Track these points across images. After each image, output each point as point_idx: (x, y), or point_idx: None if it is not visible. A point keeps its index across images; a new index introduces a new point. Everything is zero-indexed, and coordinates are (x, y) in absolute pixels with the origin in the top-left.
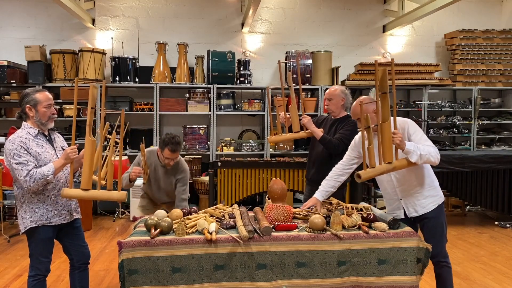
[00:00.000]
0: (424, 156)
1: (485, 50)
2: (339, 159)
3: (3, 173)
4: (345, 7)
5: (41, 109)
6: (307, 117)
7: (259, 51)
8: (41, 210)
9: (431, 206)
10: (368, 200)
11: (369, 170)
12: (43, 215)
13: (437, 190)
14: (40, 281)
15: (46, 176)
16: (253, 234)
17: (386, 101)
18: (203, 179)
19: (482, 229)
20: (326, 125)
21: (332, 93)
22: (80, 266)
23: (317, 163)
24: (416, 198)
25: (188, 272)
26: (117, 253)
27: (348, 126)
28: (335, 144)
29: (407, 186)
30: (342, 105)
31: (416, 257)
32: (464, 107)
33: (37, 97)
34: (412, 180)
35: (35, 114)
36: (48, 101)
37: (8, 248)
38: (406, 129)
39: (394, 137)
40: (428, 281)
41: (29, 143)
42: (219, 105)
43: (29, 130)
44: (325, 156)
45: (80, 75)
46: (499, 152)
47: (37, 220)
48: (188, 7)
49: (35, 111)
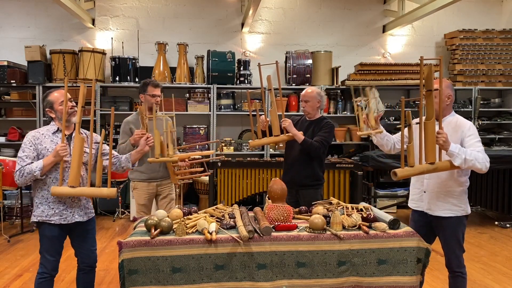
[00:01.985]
0: (470, 161)
1: (485, 50)
2: (316, 161)
3: (3, 173)
4: (345, 7)
5: (58, 107)
6: (287, 120)
7: (259, 51)
8: (43, 206)
9: (447, 213)
10: (368, 200)
11: (407, 169)
12: (44, 212)
13: (462, 202)
14: (46, 280)
15: (34, 172)
16: (253, 234)
17: (431, 99)
18: (203, 179)
19: (482, 229)
20: (302, 127)
21: (309, 95)
22: (85, 268)
23: (295, 165)
24: (438, 198)
25: (188, 272)
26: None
27: (326, 128)
28: (316, 147)
29: (436, 181)
30: (318, 107)
31: (416, 257)
32: (464, 107)
33: (51, 98)
34: (443, 178)
35: (56, 115)
36: (62, 98)
37: (8, 248)
38: (464, 130)
39: (438, 137)
40: (429, 281)
41: (43, 138)
42: (219, 105)
43: (49, 127)
44: (303, 158)
45: (80, 75)
46: (499, 152)
47: (38, 215)
48: (188, 7)
49: (54, 112)
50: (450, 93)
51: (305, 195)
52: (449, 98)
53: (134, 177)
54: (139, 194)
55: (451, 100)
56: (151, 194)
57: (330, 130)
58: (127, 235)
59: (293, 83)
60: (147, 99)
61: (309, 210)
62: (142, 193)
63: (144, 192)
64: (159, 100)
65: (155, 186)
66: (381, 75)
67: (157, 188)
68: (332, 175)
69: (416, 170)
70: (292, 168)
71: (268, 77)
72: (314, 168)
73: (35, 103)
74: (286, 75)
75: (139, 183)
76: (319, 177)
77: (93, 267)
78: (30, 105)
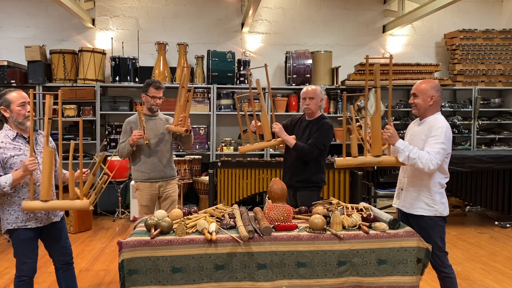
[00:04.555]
0: (413, 159)
1: (485, 50)
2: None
3: None
4: (345, 7)
5: (15, 108)
6: (278, 125)
7: (259, 51)
8: (16, 212)
9: (419, 211)
10: (368, 200)
11: (347, 159)
12: (18, 218)
13: (435, 203)
14: (25, 283)
15: (2, 188)
16: (253, 234)
17: (378, 95)
18: (203, 179)
19: (482, 229)
20: (300, 127)
21: (314, 92)
22: (63, 266)
23: (292, 167)
24: (411, 196)
25: (188, 272)
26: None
27: (322, 130)
28: (308, 151)
29: (411, 180)
30: (320, 106)
31: (416, 257)
32: (464, 107)
33: (9, 97)
34: (419, 177)
35: (10, 115)
36: (21, 100)
37: (8, 248)
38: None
39: (384, 131)
40: (429, 281)
41: (4, 147)
42: (219, 105)
43: (7, 133)
44: (298, 160)
45: (80, 75)
46: (499, 152)
47: (13, 222)
48: (188, 7)
49: (9, 112)
50: (433, 94)
51: (301, 197)
52: (432, 99)
53: (136, 177)
54: (142, 195)
55: (434, 101)
56: (153, 196)
57: (326, 132)
58: (127, 235)
59: (293, 83)
60: (147, 100)
61: (309, 210)
62: (145, 194)
63: (147, 193)
64: (159, 102)
65: (157, 188)
66: (381, 75)
67: (160, 190)
68: (332, 175)
69: (357, 160)
70: (289, 170)
71: (257, 81)
72: (310, 171)
73: (35, 103)
74: (286, 75)
75: (141, 183)
76: (316, 180)
77: (70, 264)
78: None
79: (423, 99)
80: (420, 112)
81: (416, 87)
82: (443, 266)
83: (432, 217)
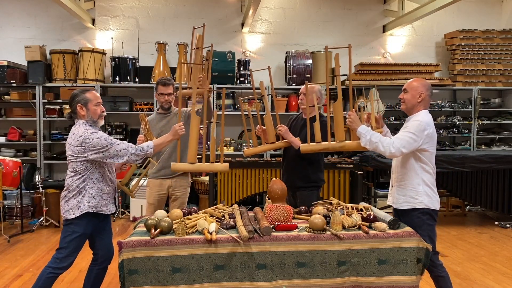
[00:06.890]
0: (374, 143)
1: (485, 50)
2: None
3: (3, 173)
4: (345, 7)
5: (92, 107)
6: (284, 126)
7: (259, 51)
8: (98, 197)
9: (405, 205)
10: (368, 200)
11: (311, 144)
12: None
13: (419, 194)
14: (56, 276)
15: (146, 151)
16: (253, 234)
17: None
18: (203, 179)
19: (482, 229)
20: (297, 126)
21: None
22: (103, 262)
23: (290, 168)
24: (398, 191)
25: (188, 272)
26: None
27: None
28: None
29: (398, 175)
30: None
31: (416, 257)
32: (464, 107)
33: (87, 96)
34: (405, 172)
35: (86, 113)
36: (97, 99)
37: (8, 248)
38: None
39: (347, 118)
40: (429, 281)
41: None
42: (219, 105)
43: (86, 127)
44: (297, 161)
45: (80, 75)
46: (499, 152)
47: (93, 206)
48: (188, 7)
49: (86, 110)
50: (422, 92)
51: (300, 197)
52: (420, 96)
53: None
54: (150, 193)
55: (422, 99)
56: (161, 196)
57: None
58: (127, 235)
59: (293, 83)
60: (158, 98)
61: (309, 210)
62: (153, 192)
63: (155, 191)
64: (169, 98)
65: (167, 188)
66: (381, 75)
67: (169, 190)
68: (332, 175)
69: (320, 146)
70: (287, 170)
71: (260, 83)
72: (309, 171)
73: (35, 103)
74: (286, 75)
75: (152, 180)
76: (315, 179)
77: (109, 263)
78: (30, 105)
79: (412, 95)
80: (407, 107)
81: (408, 83)
82: (433, 266)
83: (417, 212)
